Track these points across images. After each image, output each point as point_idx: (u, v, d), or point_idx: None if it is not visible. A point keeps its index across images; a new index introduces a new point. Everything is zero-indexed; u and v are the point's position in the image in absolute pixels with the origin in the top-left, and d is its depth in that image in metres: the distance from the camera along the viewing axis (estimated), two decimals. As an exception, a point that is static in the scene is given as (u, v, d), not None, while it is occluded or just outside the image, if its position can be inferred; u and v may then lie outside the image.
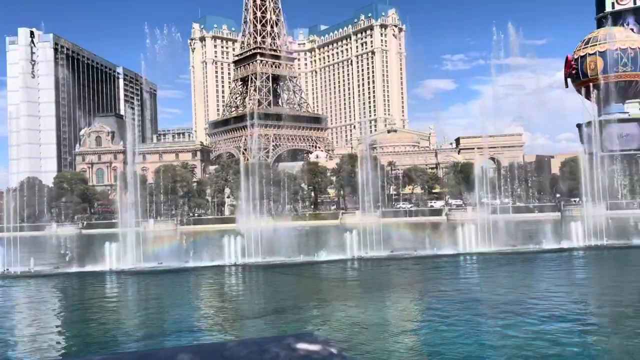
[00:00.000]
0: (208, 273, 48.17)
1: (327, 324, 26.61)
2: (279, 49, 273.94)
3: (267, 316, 29.46)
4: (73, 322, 30.99)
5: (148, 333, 26.44)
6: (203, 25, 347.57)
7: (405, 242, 58.51)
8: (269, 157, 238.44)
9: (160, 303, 36.00)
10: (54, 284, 46.06)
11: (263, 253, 53.28)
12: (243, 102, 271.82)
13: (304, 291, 39.50)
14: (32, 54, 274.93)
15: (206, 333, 26.19)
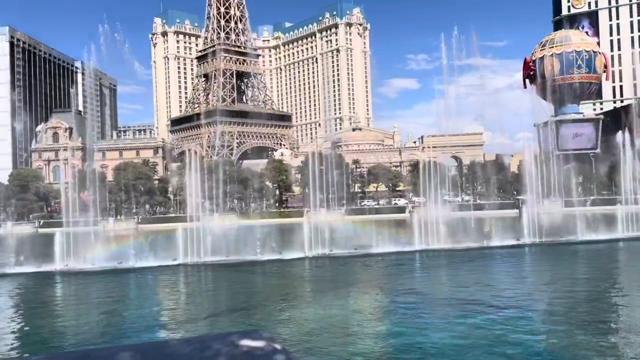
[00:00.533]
0: (154, 273, 47.38)
1: (279, 322, 26.62)
2: (243, 45, 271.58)
3: (216, 316, 29.22)
4: (15, 323, 29.96)
5: (95, 333, 25.87)
6: (165, 20, 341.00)
7: (366, 239, 59.05)
8: (233, 154, 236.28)
9: (102, 304, 35.21)
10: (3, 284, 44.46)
11: (218, 251, 52.98)
12: (206, 98, 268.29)
13: (256, 290, 39.38)
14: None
15: (144, 334, 25.70)
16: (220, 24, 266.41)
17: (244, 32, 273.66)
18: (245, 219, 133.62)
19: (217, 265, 49.65)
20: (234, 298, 35.11)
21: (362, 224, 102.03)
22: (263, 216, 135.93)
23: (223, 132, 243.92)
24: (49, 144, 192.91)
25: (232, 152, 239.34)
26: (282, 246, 55.48)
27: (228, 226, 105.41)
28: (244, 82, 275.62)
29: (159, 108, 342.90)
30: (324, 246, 55.23)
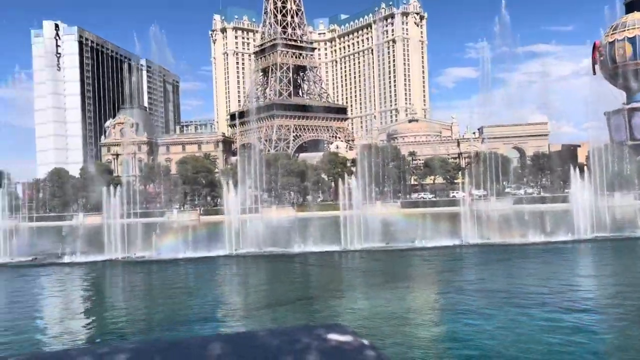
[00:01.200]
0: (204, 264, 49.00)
1: (343, 314, 26.97)
2: (299, 39, 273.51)
3: (273, 307, 29.89)
4: (98, 309, 31.99)
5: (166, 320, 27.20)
6: (224, 17, 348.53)
7: (421, 232, 58.33)
8: (290, 147, 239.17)
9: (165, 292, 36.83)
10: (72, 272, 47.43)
11: (265, 243, 54.27)
12: (264, 93, 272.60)
13: (314, 281, 39.99)
14: (57, 47, 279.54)
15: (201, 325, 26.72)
16: (277, 19, 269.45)
17: (300, 26, 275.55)
18: (302, 211, 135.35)
19: (259, 257, 50.89)
20: (295, 289, 35.86)
21: (418, 216, 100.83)
22: (319, 208, 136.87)
23: (280, 125, 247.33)
24: (116, 139, 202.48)
25: (289, 145, 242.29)
26: (337, 238, 55.89)
27: (285, 218, 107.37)
28: (300, 75, 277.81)
29: (219, 103, 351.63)
30: (378, 239, 55.16)
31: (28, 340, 24.37)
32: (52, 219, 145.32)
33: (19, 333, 25.61)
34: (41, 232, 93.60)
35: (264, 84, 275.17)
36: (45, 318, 30.26)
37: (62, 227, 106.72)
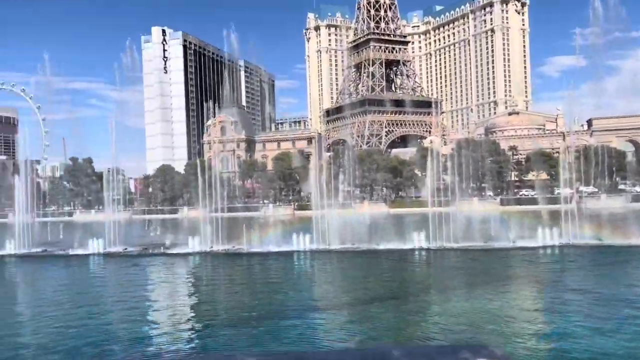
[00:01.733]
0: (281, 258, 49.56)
1: (442, 313, 26.06)
2: (393, 33, 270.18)
3: (365, 303, 29.51)
4: (203, 298, 33.60)
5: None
6: (317, 15, 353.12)
7: (522, 231, 55.13)
8: (382, 143, 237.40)
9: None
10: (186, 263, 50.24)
11: (354, 239, 53.89)
12: (356, 88, 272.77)
13: (410, 278, 39.11)
14: (164, 51, 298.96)
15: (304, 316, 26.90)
16: (370, 13, 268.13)
17: (393, 20, 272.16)
18: (395, 207, 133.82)
19: (346, 252, 50.76)
20: (386, 286, 35.38)
21: (518, 214, 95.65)
22: (412, 204, 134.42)
23: (372, 121, 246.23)
24: (217, 137, 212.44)
25: (381, 140, 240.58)
26: (429, 236, 54.41)
27: (377, 214, 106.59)
28: (393, 70, 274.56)
29: (313, 100, 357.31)
30: (475, 237, 52.96)
31: (144, 325, 26.15)
32: (160, 212, 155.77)
33: (134, 318, 27.54)
34: (150, 225, 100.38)
35: (357, 80, 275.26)
36: (152, 306, 32.31)
37: (168, 220, 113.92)
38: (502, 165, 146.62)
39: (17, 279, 47.06)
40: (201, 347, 22.36)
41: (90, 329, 25.32)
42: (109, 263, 52.21)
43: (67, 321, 27.03)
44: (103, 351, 21.87)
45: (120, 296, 34.57)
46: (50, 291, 37.97)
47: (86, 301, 32.94)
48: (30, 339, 24.13)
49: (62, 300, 33.77)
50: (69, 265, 51.75)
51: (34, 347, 22.71)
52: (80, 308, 30.66)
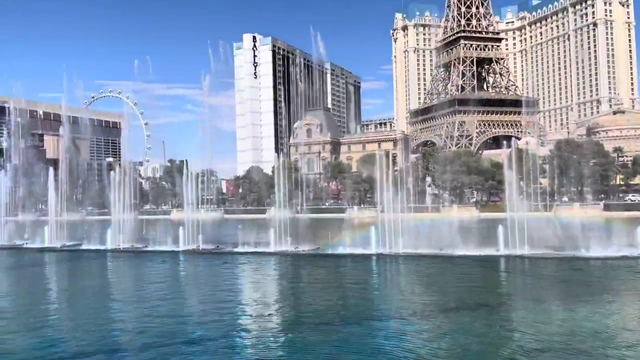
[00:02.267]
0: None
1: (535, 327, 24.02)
2: (485, 30, 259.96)
3: (454, 310, 27.91)
4: (275, 299, 33.66)
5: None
6: (405, 14, 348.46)
7: (631, 239, 50.10)
8: (473, 144, 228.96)
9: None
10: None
11: (426, 244, 51.99)
12: (445, 88, 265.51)
13: (509, 287, 36.70)
14: (254, 57, 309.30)
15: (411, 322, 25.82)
16: (461, 11, 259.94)
17: (485, 17, 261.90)
18: (486, 211, 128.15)
19: (415, 257, 49.07)
20: (471, 293, 33.53)
21: (624, 221, 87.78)
22: (504, 209, 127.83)
23: (462, 121, 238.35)
24: (303, 139, 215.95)
25: (472, 142, 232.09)
26: (523, 242, 51.08)
27: (467, 218, 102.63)
28: (485, 68, 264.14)
29: (399, 101, 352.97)
30: (575, 245, 48.87)
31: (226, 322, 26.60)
32: (248, 212, 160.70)
33: (219, 315, 28.10)
34: (238, 224, 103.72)
35: (446, 79, 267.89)
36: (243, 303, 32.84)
37: (256, 220, 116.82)
38: (605, 167, 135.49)
39: (116, 274, 50.16)
40: (283, 348, 22.23)
41: (185, 323, 26.21)
42: (198, 260, 54.39)
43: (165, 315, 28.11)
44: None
45: (208, 293, 35.65)
46: (155, 285, 40.05)
47: (180, 295, 34.31)
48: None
49: (168, 294, 35.44)
50: (164, 261, 54.60)
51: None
52: (171, 301, 31.96)
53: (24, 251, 68.27)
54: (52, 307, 33.44)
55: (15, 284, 44.69)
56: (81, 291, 38.84)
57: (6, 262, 58.96)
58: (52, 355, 21.76)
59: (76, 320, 28.55)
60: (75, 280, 45.24)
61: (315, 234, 61.34)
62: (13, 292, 40.08)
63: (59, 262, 57.40)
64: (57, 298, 37.12)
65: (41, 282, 44.80)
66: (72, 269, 52.85)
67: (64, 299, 35.98)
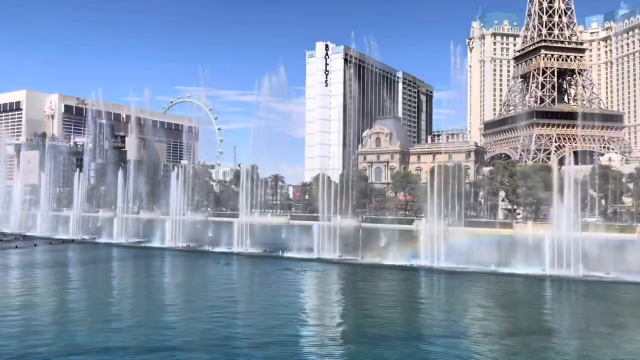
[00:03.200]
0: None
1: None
2: (567, 40, 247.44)
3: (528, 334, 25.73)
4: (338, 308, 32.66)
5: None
6: (482, 23, 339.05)
7: None
8: (551, 159, 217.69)
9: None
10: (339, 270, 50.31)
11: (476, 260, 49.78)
12: (522, 100, 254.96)
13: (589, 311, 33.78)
14: (326, 65, 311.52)
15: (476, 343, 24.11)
16: (542, 20, 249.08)
17: (568, 26, 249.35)
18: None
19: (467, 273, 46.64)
20: (541, 315, 31.05)
21: None
22: (583, 229, 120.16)
23: (539, 134, 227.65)
24: (372, 148, 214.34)
25: (550, 156, 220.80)
26: (606, 264, 47.39)
27: (541, 235, 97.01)
28: (566, 80, 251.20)
29: (473, 112, 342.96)
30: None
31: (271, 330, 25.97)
32: (313, 218, 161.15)
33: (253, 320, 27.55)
34: (300, 230, 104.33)
35: (524, 90, 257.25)
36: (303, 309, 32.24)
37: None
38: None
39: (178, 271, 51.48)
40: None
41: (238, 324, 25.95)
42: (245, 260, 55.56)
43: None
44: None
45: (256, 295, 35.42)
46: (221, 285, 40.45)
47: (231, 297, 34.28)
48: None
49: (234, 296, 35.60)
50: (228, 263, 55.59)
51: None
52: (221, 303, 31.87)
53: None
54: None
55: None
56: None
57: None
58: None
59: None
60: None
61: (387, 244, 61.07)
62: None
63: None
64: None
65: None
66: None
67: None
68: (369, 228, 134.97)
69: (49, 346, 22.67)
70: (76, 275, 47.33)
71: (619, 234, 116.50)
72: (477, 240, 59.46)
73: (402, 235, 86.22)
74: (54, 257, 59.90)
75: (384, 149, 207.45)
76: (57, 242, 75.91)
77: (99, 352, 21.96)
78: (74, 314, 29.63)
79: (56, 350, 22.10)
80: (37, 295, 36.33)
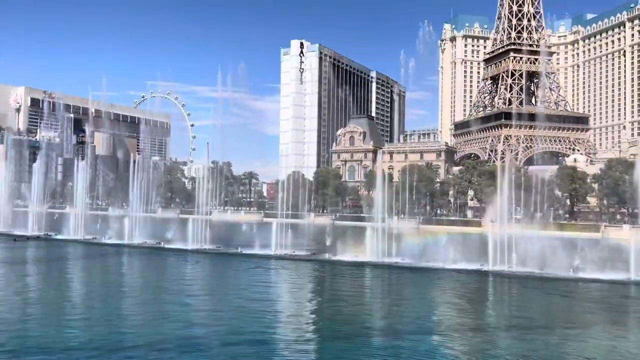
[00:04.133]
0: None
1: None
2: (535, 43, 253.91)
3: (511, 330, 27.30)
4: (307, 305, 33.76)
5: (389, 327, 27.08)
6: (454, 25, 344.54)
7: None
8: (518, 159, 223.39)
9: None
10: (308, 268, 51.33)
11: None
12: (492, 101, 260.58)
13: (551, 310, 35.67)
14: (300, 63, 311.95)
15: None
16: (512, 23, 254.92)
17: (537, 30, 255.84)
18: (528, 228, 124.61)
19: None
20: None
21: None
22: (547, 227, 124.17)
23: (507, 135, 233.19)
24: (345, 147, 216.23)
25: (517, 157, 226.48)
26: (544, 261, 49.75)
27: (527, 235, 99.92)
28: (534, 82, 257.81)
29: (444, 112, 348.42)
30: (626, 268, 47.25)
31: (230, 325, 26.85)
32: (287, 216, 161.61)
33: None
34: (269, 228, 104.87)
35: (493, 92, 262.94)
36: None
37: (295, 225, 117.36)
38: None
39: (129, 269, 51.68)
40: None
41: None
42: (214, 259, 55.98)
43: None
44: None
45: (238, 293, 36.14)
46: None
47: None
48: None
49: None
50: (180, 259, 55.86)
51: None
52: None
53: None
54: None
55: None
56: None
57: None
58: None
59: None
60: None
61: (358, 241, 61.90)
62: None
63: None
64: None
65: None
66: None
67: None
68: (343, 226, 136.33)
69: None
70: (18, 275, 45.95)
71: (582, 233, 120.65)
72: (444, 238, 60.79)
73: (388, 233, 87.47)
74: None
75: (357, 148, 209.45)
76: (23, 239, 74.54)
77: (60, 352, 21.98)
78: (29, 312, 29.59)
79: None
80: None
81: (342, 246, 60.00)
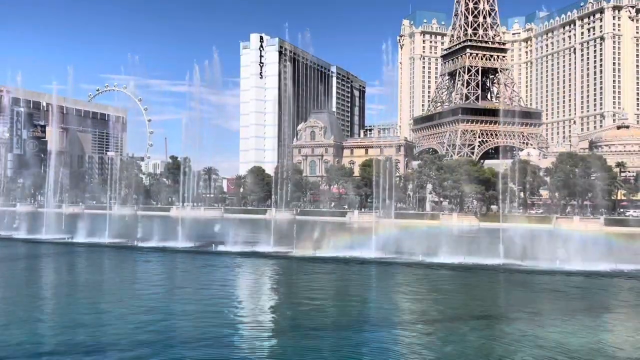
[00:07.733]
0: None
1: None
2: (491, 40, 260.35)
3: (469, 320, 27.91)
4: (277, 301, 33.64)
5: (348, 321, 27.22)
6: (412, 22, 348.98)
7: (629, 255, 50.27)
8: (474, 153, 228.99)
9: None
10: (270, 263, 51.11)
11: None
12: (449, 96, 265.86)
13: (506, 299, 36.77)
14: (260, 57, 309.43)
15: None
16: (468, 20, 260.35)
17: (492, 27, 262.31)
18: (485, 220, 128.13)
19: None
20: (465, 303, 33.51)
21: (625, 236, 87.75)
22: (504, 219, 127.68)
23: (464, 130, 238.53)
24: (306, 141, 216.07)
25: (473, 151, 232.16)
26: (524, 254, 51.25)
27: (467, 227, 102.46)
28: (489, 78, 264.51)
29: (403, 108, 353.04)
30: (576, 259, 49.13)
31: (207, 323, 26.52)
32: (248, 211, 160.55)
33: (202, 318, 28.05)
34: (238, 223, 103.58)
35: (450, 87, 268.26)
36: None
37: (256, 220, 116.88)
38: (607, 182, 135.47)
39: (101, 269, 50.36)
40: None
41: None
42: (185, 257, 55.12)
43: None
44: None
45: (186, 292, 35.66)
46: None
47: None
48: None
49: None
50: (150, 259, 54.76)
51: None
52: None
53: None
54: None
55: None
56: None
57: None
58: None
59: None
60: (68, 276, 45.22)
61: (320, 237, 62.08)
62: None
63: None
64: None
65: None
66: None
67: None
68: (305, 220, 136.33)
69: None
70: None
71: (535, 225, 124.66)
72: (405, 232, 61.85)
73: (348, 228, 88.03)
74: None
75: (318, 143, 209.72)
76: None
77: (34, 354, 21.53)
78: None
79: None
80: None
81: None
